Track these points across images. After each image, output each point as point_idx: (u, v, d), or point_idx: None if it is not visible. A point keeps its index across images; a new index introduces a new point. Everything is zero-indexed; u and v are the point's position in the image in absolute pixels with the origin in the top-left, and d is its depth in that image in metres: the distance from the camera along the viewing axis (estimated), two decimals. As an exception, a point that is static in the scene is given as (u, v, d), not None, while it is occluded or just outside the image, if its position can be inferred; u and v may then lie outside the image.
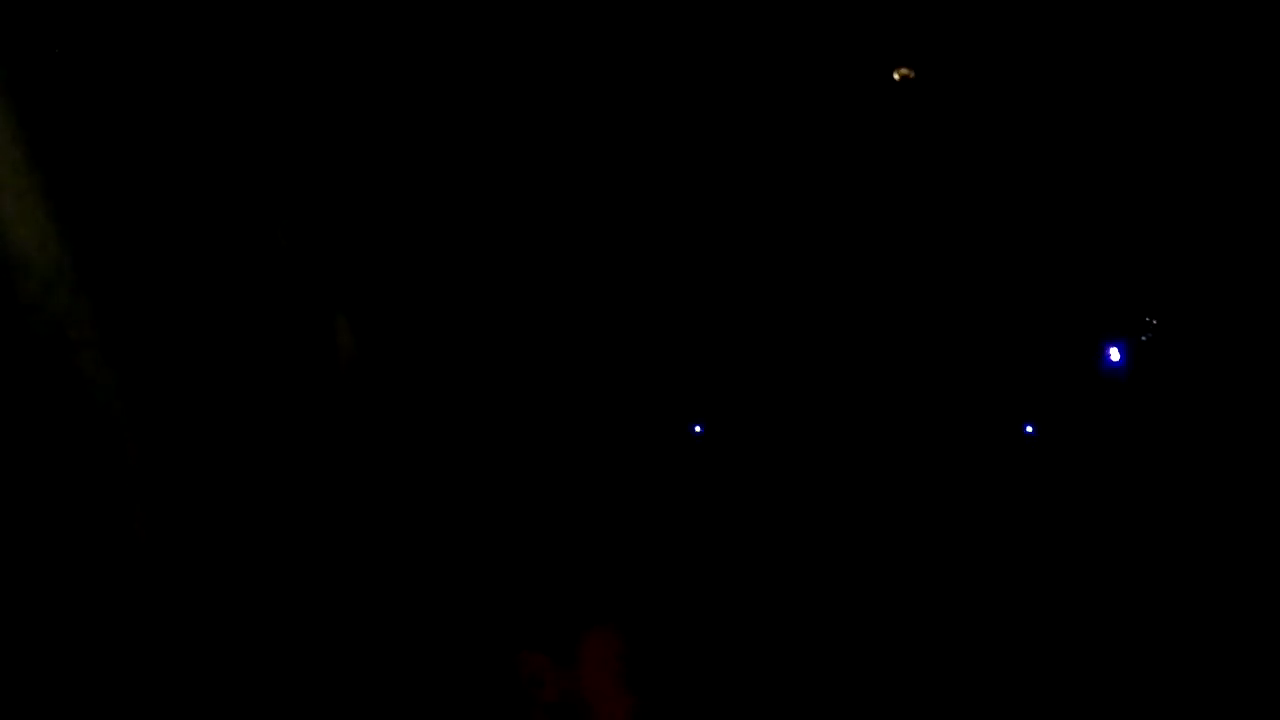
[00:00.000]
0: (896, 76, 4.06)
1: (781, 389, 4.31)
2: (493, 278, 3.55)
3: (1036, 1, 3.89)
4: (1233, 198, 4.05)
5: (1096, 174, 4.17)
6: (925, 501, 4.20)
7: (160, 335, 2.38)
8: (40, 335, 2.09)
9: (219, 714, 2.50)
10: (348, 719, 2.88)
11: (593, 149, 3.57)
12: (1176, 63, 3.95)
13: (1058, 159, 4.17)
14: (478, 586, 3.37)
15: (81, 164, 2.16)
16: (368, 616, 3.10)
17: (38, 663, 2.18)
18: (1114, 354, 4.16)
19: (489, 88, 3.21)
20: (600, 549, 3.66)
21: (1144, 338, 4.10)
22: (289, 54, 2.60)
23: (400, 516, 3.28)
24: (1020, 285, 4.22)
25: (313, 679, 2.78)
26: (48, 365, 2.14)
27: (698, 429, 4.34)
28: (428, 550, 3.32)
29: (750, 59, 3.77)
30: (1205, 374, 4.07)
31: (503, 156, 3.38)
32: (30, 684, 2.13)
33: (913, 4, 3.93)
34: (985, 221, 4.16)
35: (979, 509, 4.17)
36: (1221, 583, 3.65)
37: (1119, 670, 3.58)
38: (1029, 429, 4.21)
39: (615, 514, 3.76)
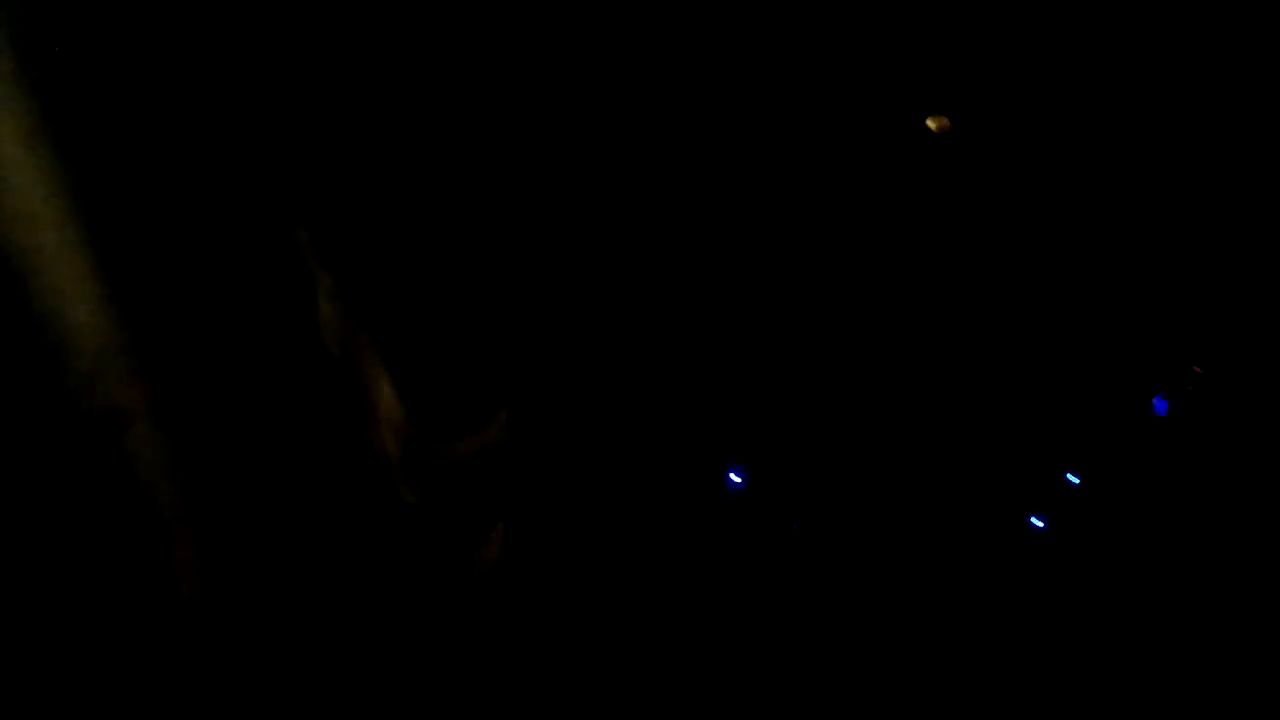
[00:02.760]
0: (933, 126, 4.05)
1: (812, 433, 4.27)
2: (527, 317, 3.50)
3: (1074, 46, 3.89)
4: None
5: (1140, 218, 4.14)
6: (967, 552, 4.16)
7: (217, 410, 2.35)
8: (90, 414, 2.05)
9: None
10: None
11: (604, 166, 3.54)
12: (1214, 109, 3.94)
13: (1101, 207, 4.15)
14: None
15: (135, 238, 2.13)
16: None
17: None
18: (1158, 404, 4.12)
19: (504, 91, 3.16)
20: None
21: (1190, 388, 4.08)
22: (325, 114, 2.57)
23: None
24: (1061, 332, 4.19)
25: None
26: (97, 446, 2.10)
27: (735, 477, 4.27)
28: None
29: (777, 109, 3.77)
30: (1251, 423, 4.03)
31: (518, 162, 3.33)
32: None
33: (946, 53, 3.93)
34: (1025, 273, 4.14)
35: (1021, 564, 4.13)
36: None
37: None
38: (1073, 479, 4.16)
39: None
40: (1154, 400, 4.17)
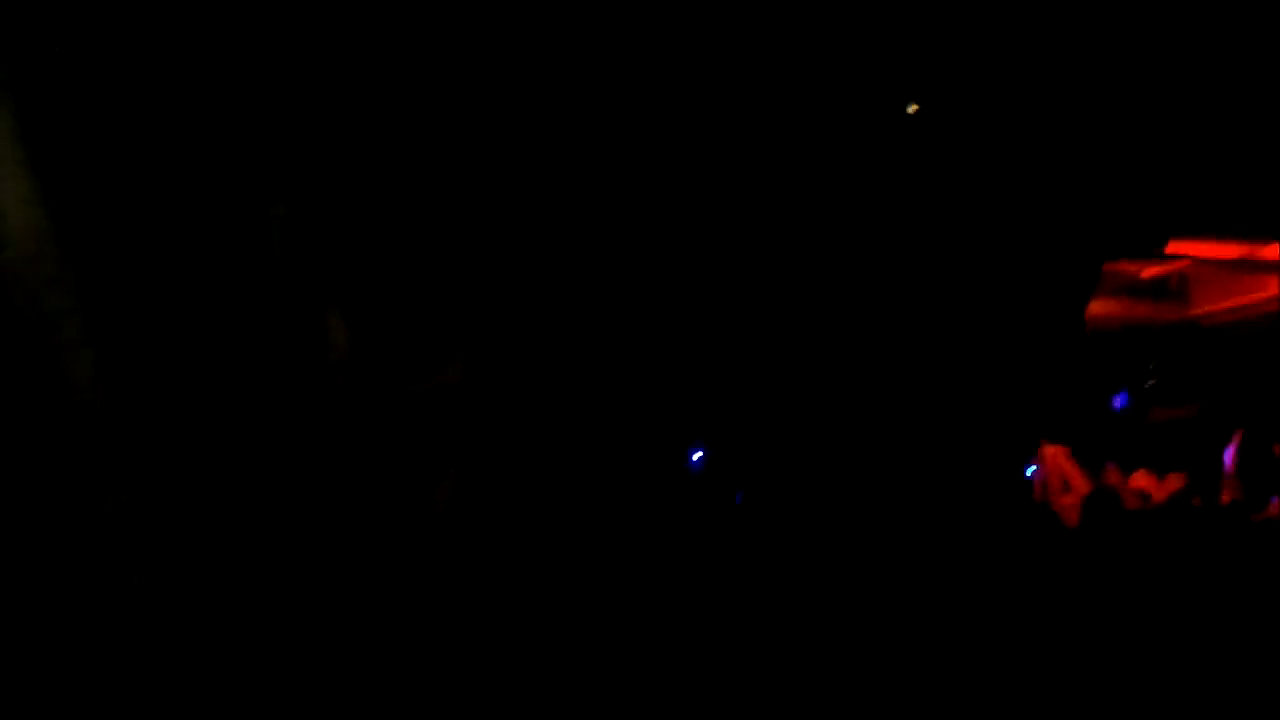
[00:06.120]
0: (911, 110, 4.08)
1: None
2: (494, 272, 3.53)
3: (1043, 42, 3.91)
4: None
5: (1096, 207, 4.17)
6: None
7: (145, 317, 2.37)
8: (18, 308, 2.08)
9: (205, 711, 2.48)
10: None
11: (595, 151, 3.59)
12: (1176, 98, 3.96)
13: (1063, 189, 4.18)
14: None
15: (71, 139, 2.16)
16: (370, 621, 3.07)
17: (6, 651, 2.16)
18: (1118, 399, 4.14)
19: (493, 79, 3.21)
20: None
21: (1148, 382, 4.09)
22: (288, 38, 2.60)
23: (397, 520, 3.26)
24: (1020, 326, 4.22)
25: (305, 682, 2.75)
26: (24, 341, 2.13)
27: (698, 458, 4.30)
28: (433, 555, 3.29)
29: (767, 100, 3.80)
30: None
31: (508, 147, 3.38)
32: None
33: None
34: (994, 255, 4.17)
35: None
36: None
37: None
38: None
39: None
40: (1115, 396, 4.18)
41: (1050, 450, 3.93)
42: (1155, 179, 4.05)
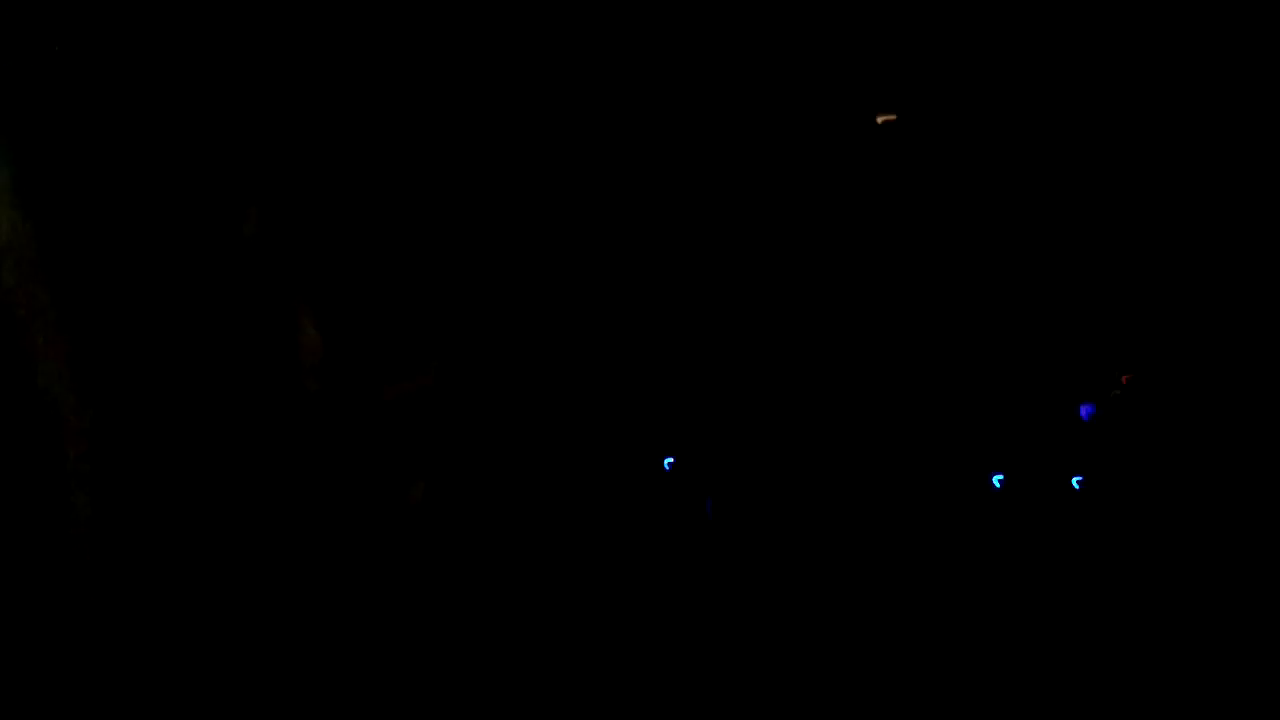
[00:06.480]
0: (879, 121, 4.13)
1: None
2: (466, 272, 3.56)
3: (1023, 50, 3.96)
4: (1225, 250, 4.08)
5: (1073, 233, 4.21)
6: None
7: (119, 316, 2.40)
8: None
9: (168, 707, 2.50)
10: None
11: (571, 157, 3.63)
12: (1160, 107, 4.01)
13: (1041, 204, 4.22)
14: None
15: (50, 139, 2.19)
16: (333, 621, 3.08)
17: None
18: (1084, 410, 4.19)
19: (466, 80, 3.25)
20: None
21: (1115, 394, 4.15)
22: (264, 42, 2.63)
23: (362, 518, 3.28)
24: (990, 338, 4.26)
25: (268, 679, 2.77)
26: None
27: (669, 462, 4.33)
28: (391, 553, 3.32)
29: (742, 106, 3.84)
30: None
31: (480, 148, 3.42)
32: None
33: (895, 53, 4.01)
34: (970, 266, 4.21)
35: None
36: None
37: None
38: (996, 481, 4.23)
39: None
40: (1080, 406, 4.24)
41: None
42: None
